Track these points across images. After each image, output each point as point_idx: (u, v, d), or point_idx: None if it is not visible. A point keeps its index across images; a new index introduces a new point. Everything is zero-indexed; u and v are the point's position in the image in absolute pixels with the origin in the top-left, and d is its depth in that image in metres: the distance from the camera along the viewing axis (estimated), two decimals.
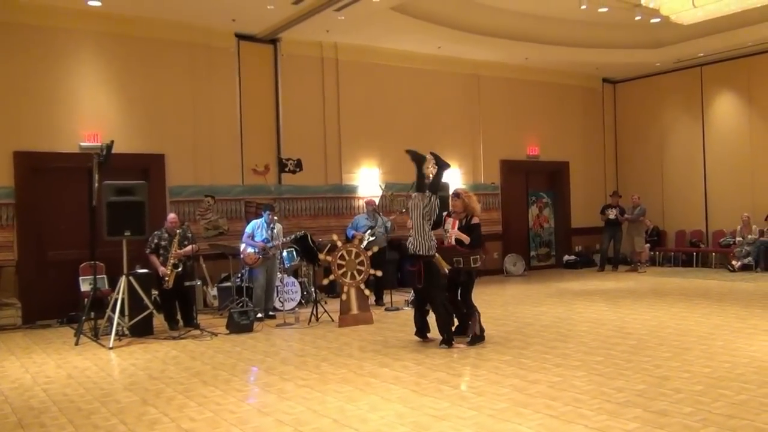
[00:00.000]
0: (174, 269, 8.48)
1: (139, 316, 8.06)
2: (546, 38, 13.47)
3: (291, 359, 6.78)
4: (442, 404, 4.95)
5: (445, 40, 12.58)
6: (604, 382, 5.40)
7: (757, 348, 6.46)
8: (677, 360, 6.08)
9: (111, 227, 8.00)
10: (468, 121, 14.15)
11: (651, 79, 15.81)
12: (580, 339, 7.25)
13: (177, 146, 10.78)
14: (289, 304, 9.76)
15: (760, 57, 13.85)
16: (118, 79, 10.40)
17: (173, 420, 4.81)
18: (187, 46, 10.91)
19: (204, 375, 6.17)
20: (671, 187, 15.50)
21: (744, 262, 13.33)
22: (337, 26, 11.23)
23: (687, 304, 9.49)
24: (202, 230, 10.81)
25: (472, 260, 7.17)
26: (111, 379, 6.19)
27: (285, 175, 11.80)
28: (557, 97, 15.51)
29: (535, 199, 15.65)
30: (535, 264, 15.40)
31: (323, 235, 10.80)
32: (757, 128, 14.10)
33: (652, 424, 4.31)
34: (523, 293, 11.42)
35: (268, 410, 4.98)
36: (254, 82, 11.59)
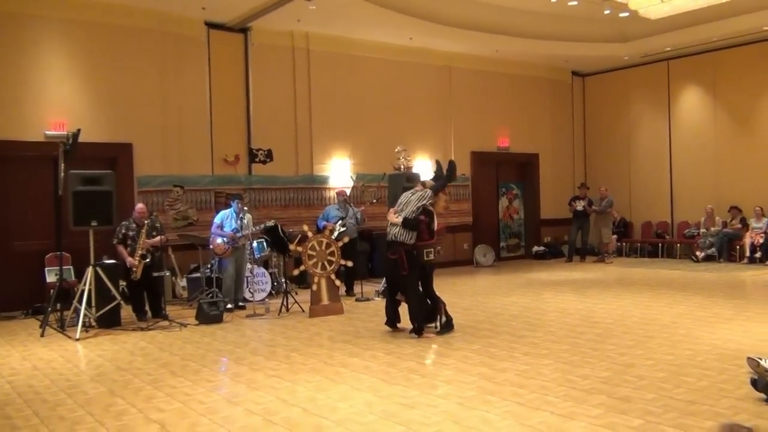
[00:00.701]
0: (142, 260, 8.40)
1: (106, 307, 7.96)
2: (516, 31, 13.56)
3: (261, 349, 6.78)
4: (411, 393, 4.99)
5: (416, 31, 12.60)
6: (570, 369, 5.50)
7: (718, 336, 6.62)
8: (641, 348, 6.21)
9: (77, 217, 7.88)
10: (439, 113, 14.21)
11: (619, 72, 16.02)
12: (548, 328, 7.35)
13: (145, 135, 10.65)
14: (259, 294, 9.73)
15: (725, 52, 14.11)
16: (85, 66, 10.23)
17: (141, 411, 4.78)
18: (155, 33, 10.76)
19: (173, 366, 6.14)
20: (638, 180, 15.76)
21: (707, 252, 13.62)
22: (309, 16, 11.17)
23: (652, 293, 9.68)
24: (171, 220, 10.71)
25: (426, 253, 7.17)
26: (77, 371, 6.12)
27: (255, 165, 11.73)
28: (527, 90, 15.64)
29: (505, 191, 15.79)
30: (505, 255, 15.55)
31: (294, 226, 10.78)
32: (721, 122, 14.38)
33: (615, 410, 4.40)
34: (492, 284, 11.53)
35: (238, 400, 4.98)
36: (224, 71, 11.48)
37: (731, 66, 14.11)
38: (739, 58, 13.95)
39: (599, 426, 4.12)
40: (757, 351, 5.59)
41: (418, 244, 7.11)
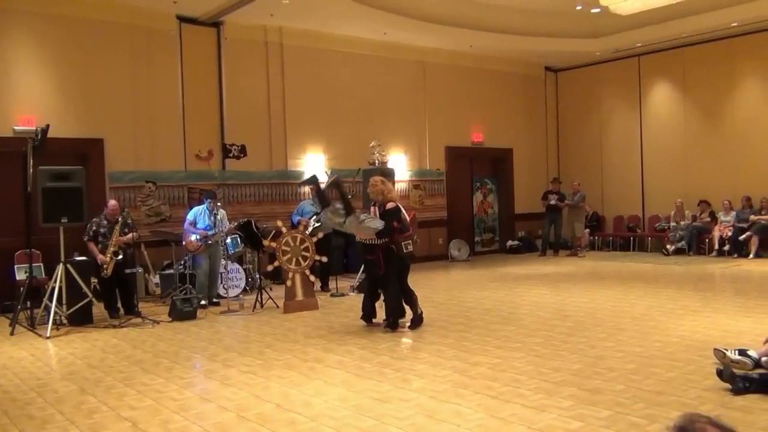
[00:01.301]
0: (114, 257, 8.30)
1: (77, 305, 7.87)
2: (490, 26, 13.64)
3: (234, 346, 6.75)
4: (385, 387, 5.02)
5: (390, 26, 12.60)
6: (542, 362, 5.57)
7: (687, 328, 6.74)
8: (612, 340, 6.30)
9: (47, 214, 7.77)
10: (414, 108, 14.23)
11: (591, 68, 16.19)
12: (521, 322, 7.43)
13: (117, 131, 10.52)
14: (233, 290, 9.70)
15: (694, 48, 14.32)
16: (54, 60, 10.07)
17: (113, 409, 4.74)
18: (126, 27, 10.63)
19: (145, 363, 6.10)
20: (610, 174, 15.95)
21: (677, 245, 13.85)
22: (282, 10, 11.12)
23: (623, 286, 9.82)
24: (143, 217, 10.61)
25: (404, 246, 7.13)
26: (48, 369, 6.05)
27: (229, 160, 11.66)
28: (501, 85, 15.73)
29: (480, 185, 15.89)
30: (480, 249, 15.66)
31: (268, 222, 10.74)
32: (691, 117, 14.61)
33: (585, 402, 4.47)
34: (467, 278, 11.61)
35: (211, 397, 4.96)
36: (197, 66, 11.38)
37: (700, 62, 14.33)
38: (707, 54, 14.18)
39: (569, 417, 4.18)
40: (724, 342, 5.72)
41: (395, 239, 7.10)
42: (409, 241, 7.21)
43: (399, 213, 7.18)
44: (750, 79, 13.75)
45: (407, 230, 7.26)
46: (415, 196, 14.21)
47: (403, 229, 7.17)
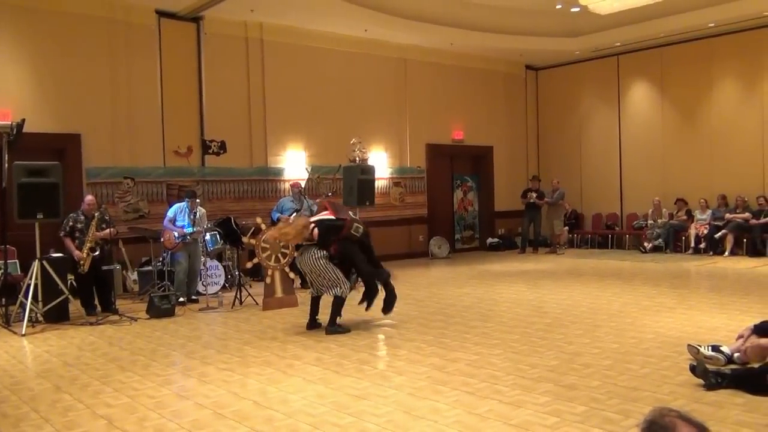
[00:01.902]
0: (91, 252, 8.21)
1: (53, 302, 7.79)
2: (471, 24, 13.69)
3: (213, 343, 6.72)
4: (363, 384, 5.03)
5: (371, 23, 12.59)
6: (519, 359, 5.61)
7: (662, 324, 6.83)
8: (588, 337, 6.36)
9: (22, 209, 7.66)
10: (395, 105, 14.24)
11: (571, 66, 16.30)
12: (500, 318, 7.47)
13: (94, 126, 10.41)
14: (212, 288, 9.64)
15: (672, 48, 14.47)
16: (30, 54, 9.94)
17: (88, 406, 4.70)
18: (104, 21, 10.52)
19: (122, 360, 6.05)
20: (589, 172, 16.08)
21: (655, 243, 14.00)
22: (262, 6, 11.07)
23: (601, 283, 9.91)
24: (121, 213, 10.52)
25: (355, 229, 7.01)
26: (23, 367, 5.98)
27: (209, 157, 11.59)
28: (482, 83, 15.78)
29: (460, 183, 15.94)
30: (460, 247, 15.72)
31: (248, 218, 10.69)
32: (668, 116, 14.77)
33: (562, 398, 4.51)
34: (447, 275, 11.65)
35: (188, 394, 4.94)
36: (176, 61, 11.29)
37: (678, 61, 14.48)
38: (685, 54, 14.33)
39: (545, 413, 4.22)
40: (697, 339, 5.81)
41: (344, 234, 6.99)
42: (354, 225, 7.04)
43: (327, 226, 7.01)
44: (727, 80, 13.92)
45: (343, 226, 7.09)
46: (395, 194, 14.23)
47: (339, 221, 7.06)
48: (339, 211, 7.27)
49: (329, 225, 6.98)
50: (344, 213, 7.30)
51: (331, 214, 7.15)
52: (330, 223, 7.01)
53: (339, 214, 7.17)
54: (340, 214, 7.20)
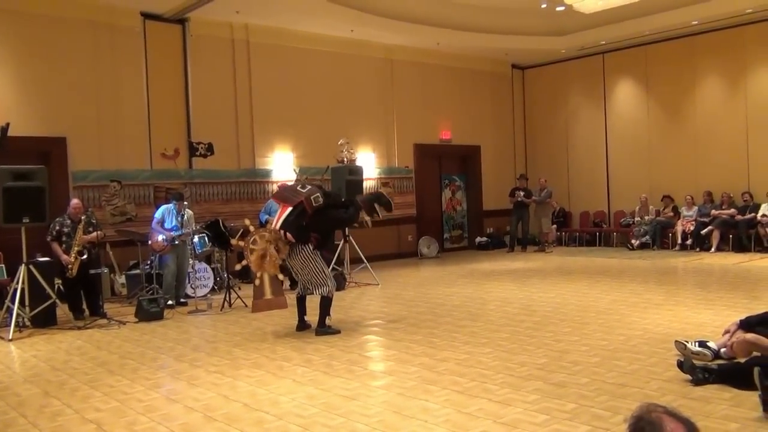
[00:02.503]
0: (78, 256, 8.17)
1: (40, 307, 7.74)
2: (456, 24, 13.72)
3: (202, 346, 6.71)
4: (353, 384, 5.03)
5: (357, 23, 12.59)
6: (508, 357, 5.63)
7: (650, 321, 6.87)
8: (577, 334, 6.40)
9: (8, 214, 7.60)
10: (382, 105, 14.25)
11: (557, 65, 16.37)
12: (488, 317, 7.50)
13: (80, 129, 10.35)
14: (201, 290, 9.61)
15: (657, 46, 14.58)
16: (13, 58, 9.87)
17: (77, 411, 4.68)
18: (89, 24, 10.46)
19: (110, 364, 6.02)
20: (576, 170, 16.16)
21: (642, 240, 14.10)
22: (248, 7, 11.04)
23: (589, 281, 9.97)
24: (108, 216, 10.45)
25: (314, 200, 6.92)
26: (10, 372, 5.94)
27: (196, 159, 11.55)
28: (468, 82, 15.82)
29: (448, 183, 15.97)
30: (449, 246, 15.75)
31: (236, 220, 10.65)
32: (654, 114, 14.87)
33: (550, 395, 4.54)
34: (436, 275, 11.67)
35: (178, 397, 4.92)
36: (162, 63, 11.24)
37: (662, 59, 14.59)
38: (669, 52, 14.44)
39: (534, 411, 4.24)
40: (685, 335, 5.86)
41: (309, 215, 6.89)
42: (310, 198, 6.87)
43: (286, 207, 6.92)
44: (711, 77, 14.03)
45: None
46: None
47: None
48: (289, 197, 6.97)
49: (293, 220, 6.79)
50: (294, 194, 6.97)
51: (285, 207, 6.90)
52: (292, 217, 6.80)
53: (292, 201, 6.89)
54: (293, 199, 6.91)
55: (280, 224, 6.86)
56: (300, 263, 6.96)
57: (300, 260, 6.94)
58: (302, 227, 6.81)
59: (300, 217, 6.80)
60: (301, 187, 7.03)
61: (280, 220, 6.89)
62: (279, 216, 6.91)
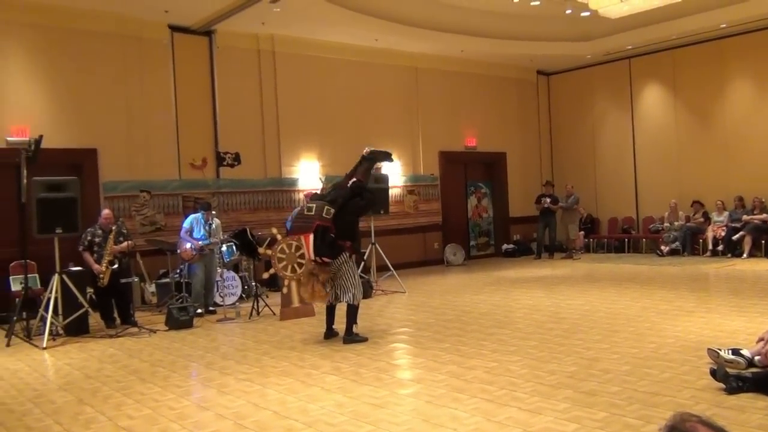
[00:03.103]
0: (110, 266, 8.30)
1: (73, 315, 7.87)
2: (481, 31, 13.71)
3: (231, 354, 6.76)
4: (381, 392, 5.04)
5: (382, 32, 12.65)
6: (537, 365, 5.59)
7: (681, 328, 6.78)
8: (607, 342, 6.33)
9: (42, 224, 7.76)
10: (407, 113, 14.28)
11: (583, 71, 16.27)
12: (517, 325, 7.46)
13: (110, 141, 10.54)
14: (229, 298, 9.68)
15: (684, 49, 14.42)
16: (46, 71, 10.09)
17: (110, 419, 4.75)
18: (118, 37, 10.65)
19: (142, 372, 6.10)
20: (603, 176, 16.02)
21: (672, 246, 13.91)
22: (273, 18, 11.15)
23: (618, 288, 9.86)
24: (138, 226, 10.61)
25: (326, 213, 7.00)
26: (45, 380, 6.05)
27: (223, 168, 11.68)
28: (493, 89, 15.79)
29: (474, 190, 15.93)
30: (475, 253, 15.69)
31: (263, 229, 10.74)
32: (682, 118, 14.69)
33: (581, 404, 4.50)
34: (462, 282, 11.63)
35: (208, 405, 4.97)
36: (189, 74, 11.40)
37: (690, 63, 14.42)
38: (697, 55, 14.28)
39: (565, 420, 4.21)
40: (717, 342, 5.77)
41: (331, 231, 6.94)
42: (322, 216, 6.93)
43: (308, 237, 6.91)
44: (740, 80, 13.84)
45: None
46: (409, 201, 14.25)
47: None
48: (304, 226, 6.93)
49: (320, 244, 6.79)
50: (307, 221, 6.93)
51: (307, 237, 6.86)
52: (318, 242, 6.79)
53: (309, 227, 6.85)
54: (309, 225, 6.87)
55: (312, 254, 6.84)
56: (345, 272, 7.00)
57: (344, 269, 6.99)
58: (332, 243, 6.84)
59: (325, 236, 6.83)
60: (307, 211, 7.02)
61: (310, 251, 6.86)
62: (307, 247, 6.88)
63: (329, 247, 6.82)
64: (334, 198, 7.07)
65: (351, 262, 7.03)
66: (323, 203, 6.99)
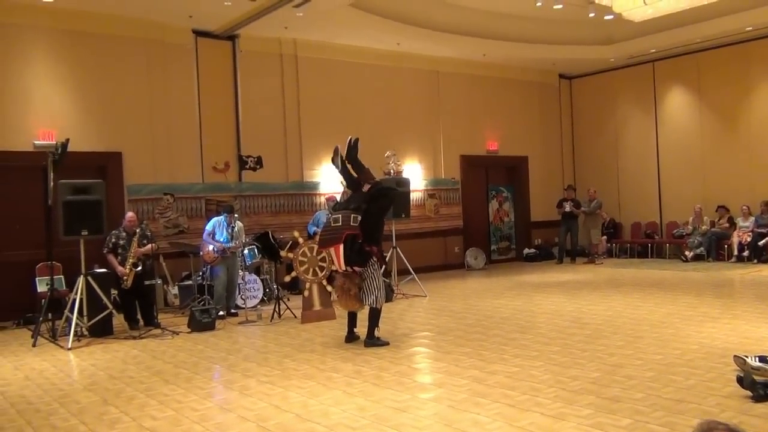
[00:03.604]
0: (133, 268, 8.40)
1: (98, 317, 7.97)
2: (503, 35, 13.68)
3: (253, 356, 6.80)
4: (403, 396, 5.03)
5: (403, 36, 12.67)
6: (560, 371, 5.55)
7: (706, 335, 6.70)
8: (630, 348, 6.27)
9: (68, 226, 7.87)
10: (428, 117, 14.27)
11: (605, 74, 16.15)
12: (539, 330, 7.41)
13: (134, 144, 10.66)
14: (251, 301, 9.74)
15: (709, 53, 14.25)
16: (72, 76, 10.24)
17: (134, 419, 4.80)
18: (142, 42, 10.78)
19: (165, 374, 6.16)
20: (626, 181, 15.87)
21: (696, 252, 13.74)
22: (296, 23, 11.21)
23: (641, 293, 9.76)
24: (161, 228, 10.72)
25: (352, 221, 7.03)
26: (70, 380, 6.13)
27: (246, 172, 11.75)
28: (515, 93, 15.73)
29: (495, 194, 15.87)
30: (496, 258, 15.63)
31: (285, 232, 10.81)
32: (707, 122, 14.52)
33: (604, 410, 4.46)
34: (483, 286, 11.59)
35: (231, 407, 5.00)
36: (213, 78, 11.50)
37: (715, 66, 14.25)
38: (722, 59, 14.11)
39: (588, 426, 4.17)
40: (744, 349, 5.69)
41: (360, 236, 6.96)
42: (350, 223, 6.96)
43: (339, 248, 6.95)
44: (765, 83, 13.63)
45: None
46: (430, 205, 14.23)
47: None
48: (334, 237, 6.94)
49: (350, 253, 6.84)
50: (335, 232, 6.95)
51: (338, 248, 6.90)
52: (348, 251, 6.84)
53: (339, 238, 6.87)
54: (338, 236, 6.89)
55: (344, 264, 6.90)
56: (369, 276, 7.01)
57: (369, 273, 7.00)
58: (360, 250, 6.86)
59: (354, 244, 6.85)
60: (334, 222, 7.05)
61: (341, 261, 6.90)
62: (338, 258, 6.92)
63: (358, 254, 6.85)
64: (357, 205, 7.08)
65: (375, 266, 7.05)
66: (349, 212, 6.99)
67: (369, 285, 6.98)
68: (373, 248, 6.93)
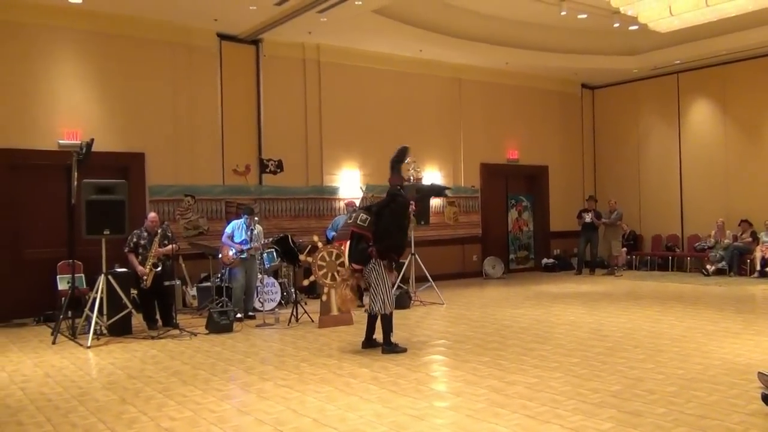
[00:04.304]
0: (153, 269, 8.45)
1: (117, 316, 8.02)
2: (526, 43, 13.63)
3: (270, 359, 6.80)
4: (421, 404, 5.00)
5: (426, 43, 12.67)
6: (580, 383, 5.49)
7: (729, 350, 6.59)
8: (651, 362, 6.19)
9: (90, 226, 7.94)
10: (449, 125, 14.25)
11: (629, 85, 16.04)
12: (558, 341, 7.34)
13: (157, 145, 10.75)
14: (269, 304, 9.76)
15: (734, 65, 14.11)
16: (98, 77, 10.35)
17: (152, 419, 4.81)
18: (168, 45, 10.88)
19: (183, 374, 6.17)
20: (648, 192, 15.73)
21: (718, 266, 13.57)
22: (320, 28, 11.26)
23: (662, 307, 9.64)
24: (181, 230, 10.78)
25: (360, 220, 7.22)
26: (89, 378, 6.16)
27: (266, 175, 11.80)
28: (537, 102, 15.67)
29: (515, 203, 15.80)
30: (514, 267, 15.54)
31: (304, 236, 10.83)
32: (731, 135, 14.36)
33: (625, 424, 4.40)
34: (502, 296, 11.52)
35: (248, 409, 5.00)
36: (236, 82, 11.58)
37: (740, 79, 14.10)
38: (748, 72, 13.96)
39: None
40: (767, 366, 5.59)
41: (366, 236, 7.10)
42: (357, 223, 7.16)
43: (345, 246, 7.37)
44: None
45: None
46: (449, 213, 14.19)
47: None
48: (345, 234, 7.42)
49: (353, 251, 7.08)
50: (345, 228, 7.39)
51: (346, 244, 7.35)
52: (352, 248, 7.09)
53: (347, 235, 7.27)
54: (347, 233, 7.30)
55: (347, 259, 7.26)
56: (374, 280, 7.01)
57: (374, 276, 7.00)
58: (363, 250, 6.98)
59: (359, 243, 7.02)
60: (349, 219, 7.49)
61: (346, 256, 7.28)
62: (344, 254, 7.32)
63: (360, 254, 7.01)
64: (370, 206, 7.23)
65: (379, 269, 7.02)
66: (361, 212, 7.24)
67: (374, 290, 6.98)
68: (372, 250, 6.94)
